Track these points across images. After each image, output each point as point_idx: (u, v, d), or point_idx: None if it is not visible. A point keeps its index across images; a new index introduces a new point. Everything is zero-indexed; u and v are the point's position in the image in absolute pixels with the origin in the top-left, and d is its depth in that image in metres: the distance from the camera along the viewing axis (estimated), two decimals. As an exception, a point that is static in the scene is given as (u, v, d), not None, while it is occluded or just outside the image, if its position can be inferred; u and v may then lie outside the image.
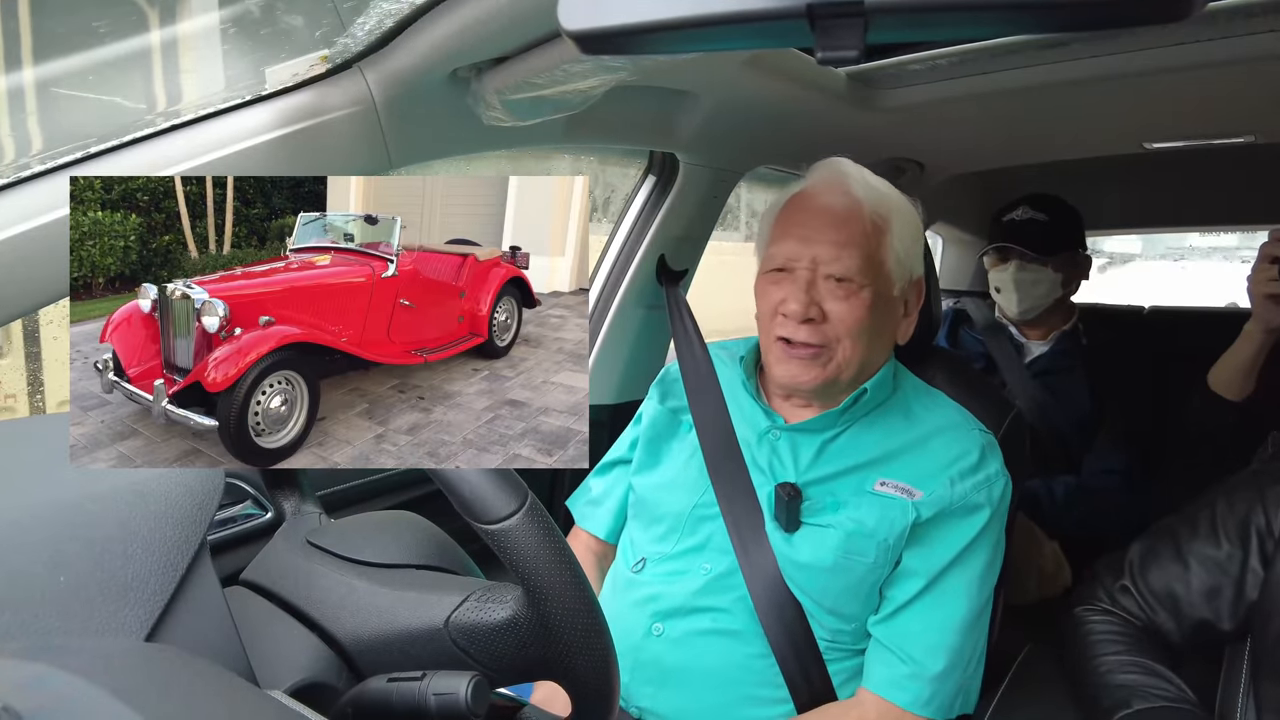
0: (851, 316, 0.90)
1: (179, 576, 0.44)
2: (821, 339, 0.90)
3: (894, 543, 0.89)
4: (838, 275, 0.90)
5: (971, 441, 0.93)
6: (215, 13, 1.07)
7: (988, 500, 0.90)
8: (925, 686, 0.86)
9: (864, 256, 0.90)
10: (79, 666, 0.33)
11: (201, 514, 0.46)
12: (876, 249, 0.92)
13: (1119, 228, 2.55)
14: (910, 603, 0.89)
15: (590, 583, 0.51)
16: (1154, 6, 0.32)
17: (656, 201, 1.43)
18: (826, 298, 0.90)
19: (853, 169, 0.97)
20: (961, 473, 0.91)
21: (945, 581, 0.89)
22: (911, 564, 0.89)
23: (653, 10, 0.35)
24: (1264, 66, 1.07)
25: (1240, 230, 3.04)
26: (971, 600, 0.89)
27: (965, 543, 0.89)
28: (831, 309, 0.90)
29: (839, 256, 0.90)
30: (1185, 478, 1.71)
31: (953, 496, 0.89)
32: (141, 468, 0.47)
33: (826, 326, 0.90)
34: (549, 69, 0.78)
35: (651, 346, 1.54)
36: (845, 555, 0.89)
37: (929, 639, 0.87)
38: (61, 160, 0.68)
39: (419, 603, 0.55)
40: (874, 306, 0.91)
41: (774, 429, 0.98)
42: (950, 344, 1.89)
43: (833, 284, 0.90)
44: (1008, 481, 0.94)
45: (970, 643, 0.89)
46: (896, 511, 0.89)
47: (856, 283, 0.90)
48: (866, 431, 0.95)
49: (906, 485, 0.90)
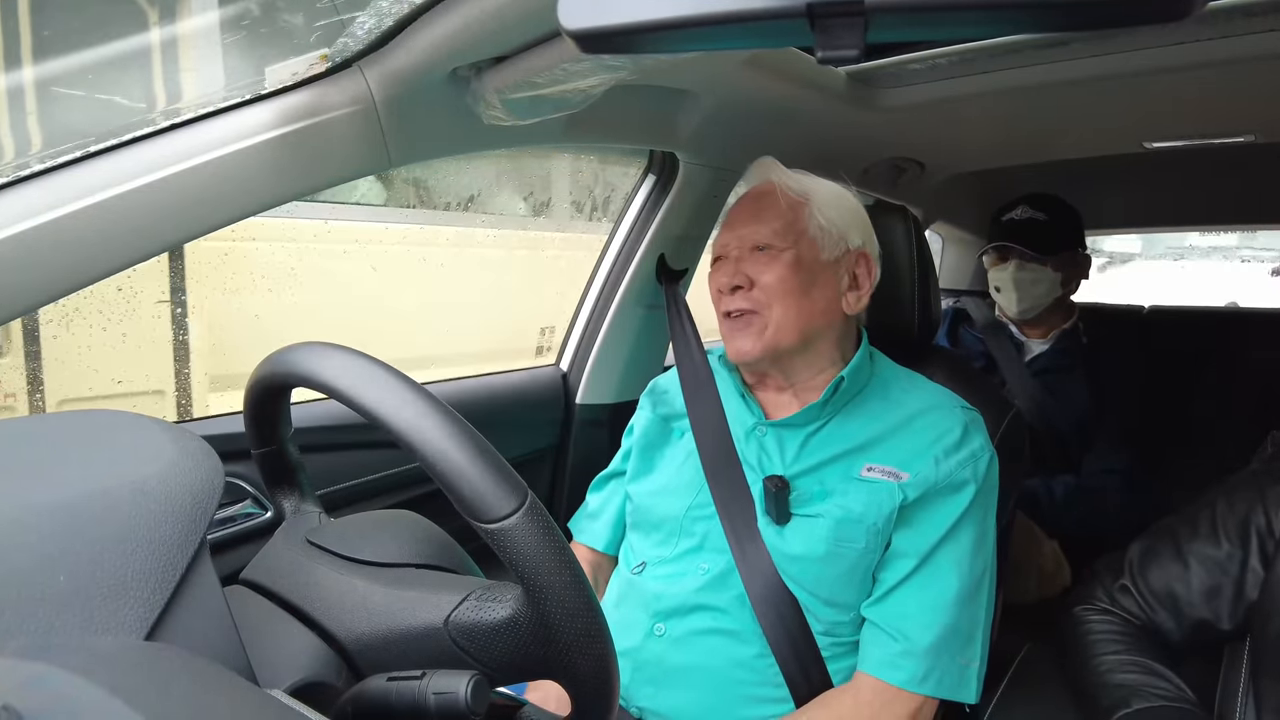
0: (774, 277, 0.96)
1: (179, 575, 0.44)
2: (751, 304, 0.96)
3: (882, 526, 0.89)
4: (759, 243, 0.98)
5: (954, 419, 0.94)
6: (215, 12, 1.07)
7: (973, 476, 0.91)
8: (919, 663, 0.86)
9: (782, 225, 0.98)
10: (79, 665, 0.33)
11: (201, 513, 0.46)
12: (795, 218, 0.98)
13: (1119, 227, 2.55)
14: (901, 583, 0.89)
15: (590, 583, 0.51)
16: (1154, 6, 0.32)
17: (656, 201, 1.43)
18: (751, 266, 0.97)
19: (771, 162, 1.05)
20: (945, 450, 0.91)
21: (935, 559, 0.89)
22: (901, 545, 0.90)
23: (652, 9, 0.35)
24: (1264, 66, 1.07)
25: (1240, 230, 3.04)
26: (962, 577, 0.89)
27: (953, 520, 0.90)
28: (757, 275, 0.97)
29: (758, 229, 0.98)
30: (1185, 477, 1.72)
31: (938, 475, 0.90)
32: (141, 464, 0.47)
33: (755, 293, 0.96)
34: (549, 68, 0.78)
35: (651, 346, 1.54)
36: (836, 543, 0.89)
37: (920, 616, 0.88)
38: (61, 159, 0.68)
39: (419, 602, 0.55)
40: (796, 268, 0.96)
41: (760, 425, 1.00)
42: (950, 343, 1.89)
43: (756, 254, 0.98)
44: (993, 456, 0.94)
45: (965, 620, 0.89)
46: (884, 495, 0.90)
47: (776, 247, 0.97)
48: (849, 419, 0.97)
49: (893, 468, 0.91)
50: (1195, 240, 7.05)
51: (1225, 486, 0.95)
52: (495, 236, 2.89)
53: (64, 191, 0.67)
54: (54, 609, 0.39)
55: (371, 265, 2.40)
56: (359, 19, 0.75)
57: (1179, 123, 1.48)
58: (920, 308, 1.13)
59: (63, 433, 0.49)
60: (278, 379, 0.59)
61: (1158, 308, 2.12)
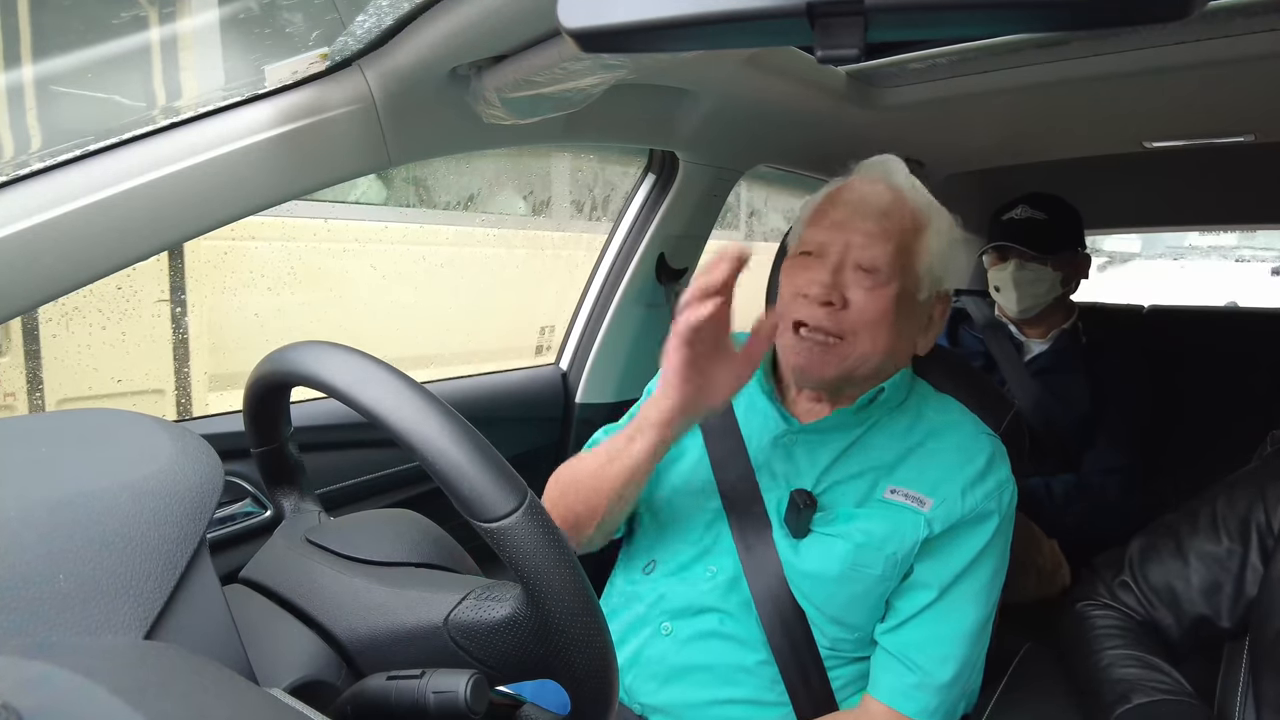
0: (873, 308, 0.87)
1: (178, 574, 0.44)
2: (837, 327, 0.87)
3: (903, 557, 0.87)
4: (866, 265, 0.88)
5: (980, 447, 0.92)
6: (215, 10, 1.07)
7: (997, 508, 0.89)
8: (933, 696, 0.86)
9: (896, 250, 0.88)
10: (78, 665, 0.33)
11: (201, 512, 0.46)
12: (912, 245, 0.89)
13: (1118, 227, 2.55)
14: (919, 613, 0.88)
15: (589, 582, 0.51)
16: (1154, 6, 0.32)
17: (656, 200, 1.43)
18: (851, 285, 0.88)
19: (900, 167, 0.96)
20: (971, 481, 0.89)
21: (954, 592, 0.88)
22: (922, 576, 0.88)
23: (652, 9, 0.35)
24: (1264, 65, 1.07)
25: (1239, 229, 3.04)
26: (979, 608, 0.88)
27: (976, 552, 0.88)
28: (854, 297, 0.87)
29: (871, 245, 0.88)
30: (1184, 477, 1.72)
31: (964, 508, 0.87)
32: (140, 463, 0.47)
33: (845, 314, 0.87)
34: (549, 67, 0.78)
35: (651, 345, 1.54)
36: (853, 567, 0.87)
37: (938, 649, 0.87)
38: (61, 158, 0.68)
39: (418, 600, 0.55)
40: (898, 303, 0.88)
41: (789, 433, 0.96)
42: (950, 342, 1.89)
43: (860, 273, 0.88)
44: (1014, 487, 0.93)
45: (977, 651, 0.89)
46: (908, 526, 0.87)
47: (884, 274, 0.87)
48: (879, 435, 0.93)
49: (917, 494, 0.88)
50: (1195, 240, 7.06)
51: (1225, 484, 0.95)
52: (495, 235, 2.89)
53: (64, 190, 0.67)
54: (54, 608, 0.39)
55: (371, 264, 2.41)
56: (359, 18, 0.75)
57: (1179, 122, 1.48)
58: None
59: (62, 431, 0.49)
60: (277, 378, 0.59)
61: (1157, 307, 2.12)
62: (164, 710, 0.33)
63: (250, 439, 0.67)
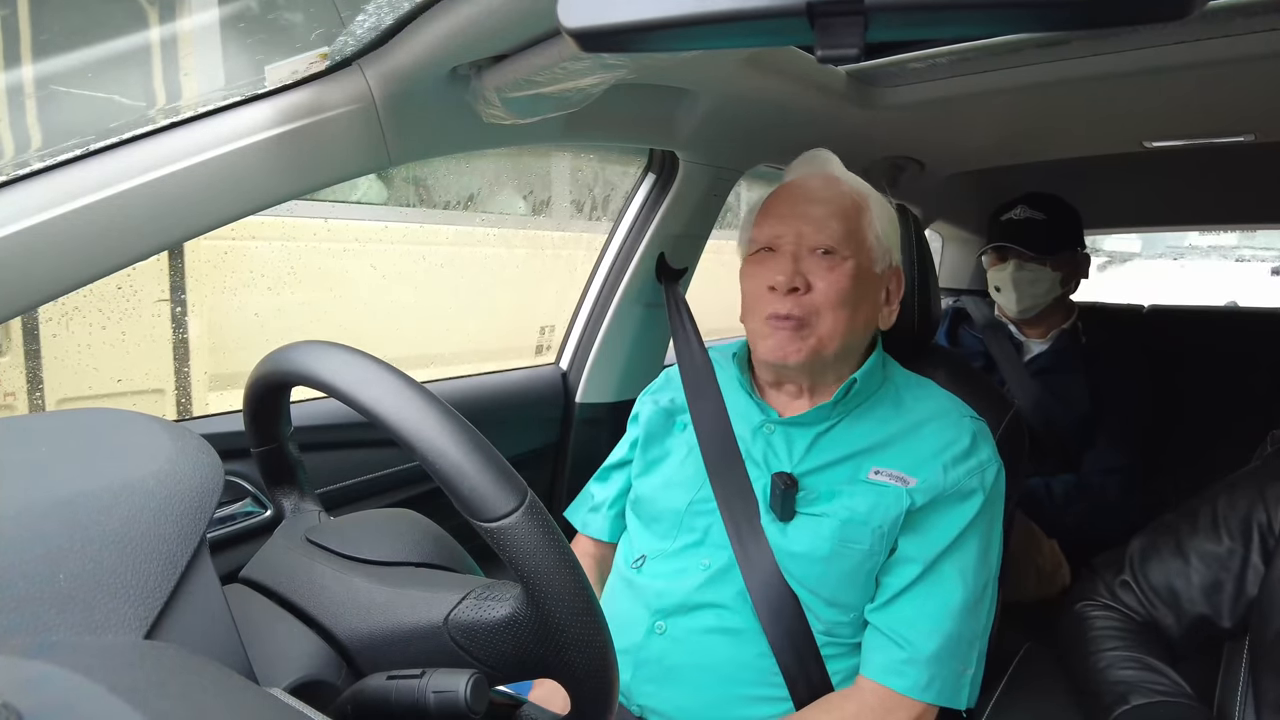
0: (835, 287, 0.92)
1: (178, 574, 0.44)
2: (803, 311, 0.92)
3: (888, 529, 0.89)
4: (823, 247, 0.93)
5: (962, 428, 0.94)
6: (215, 10, 1.07)
7: (980, 486, 0.91)
8: (922, 671, 0.87)
9: (846, 229, 0.94)
10: (78, 664, 0.33)
11: (201, 511, 0.46)
12: (857, 222, 0.95)
13: (1118, 227, 2.55)
14: (906, 589, 0.89)
15: (590, 582, 0.51)
16: (1154, 6, 0.32)
17: (656, 199, 1.43)
18: (812, 270, 0.93)
19: (830, 156, 1.02)
20: (954, 459, 0.91)
21: (940, 567, 0.89)
22: (907, 550, 0.90)
23: (652, 8, 0.35)
24: (1264, 65, 1.07)
25: (1239, 229, 3.04)
26: (966, 586, 0.89)
27: (960, 528, 0.90)
28: (816, 281, 0.92)
29: (822, 228, 0.93)
30: (1184, 477, 1.72)
31: (946, 483, 0.90)
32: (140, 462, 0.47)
33: (810, 298, 0.92)
34: (548, 67, 0.78)
35: (650, 345, 1.54)
36: (841, 543, 0.89)
37: (924, 624, 0.88)
38: (61, 157, 0.68)
39: (418, 600, 0.55)
40: (856, 278, 0.93)
41: (768, 423, 0.99)
42: (950, 342, 1.90)
43: (818, 256, 0.93)
44: (1000, 467, 0.94)
45: (967, 630, 0.89)
46: (890, 498, 0.90)
47: (840, 254, 0.93)
48: (859, 422, 0.96)
49: (900, 473, 0.91)
50: (1195, 240, 7.06)
51: (1226, 483, 0.95)
52: (495, 235, 2.89)
53: (64, 189, 0.67)
54: (54, 608, 0.39)
55: (371, 264, 2.40)
56: (359, 18, 0.75)
57: (1179, 122, 1.48)
58: (920, 307, 1.13)
59: (62, 431, 0.49)
60: (277, 377, 0.59)
61: (1157, 307, 2.12)
62: (164, 710, 0.33)
63: (250, 439, 0.66)
